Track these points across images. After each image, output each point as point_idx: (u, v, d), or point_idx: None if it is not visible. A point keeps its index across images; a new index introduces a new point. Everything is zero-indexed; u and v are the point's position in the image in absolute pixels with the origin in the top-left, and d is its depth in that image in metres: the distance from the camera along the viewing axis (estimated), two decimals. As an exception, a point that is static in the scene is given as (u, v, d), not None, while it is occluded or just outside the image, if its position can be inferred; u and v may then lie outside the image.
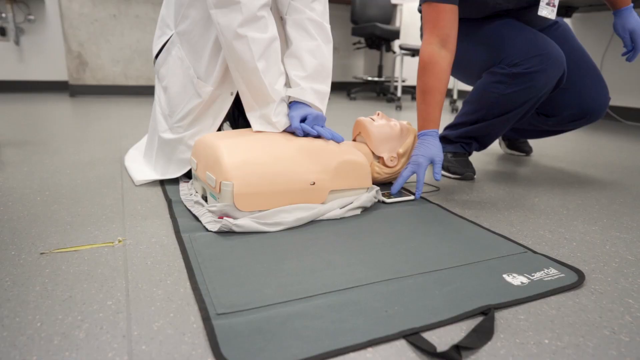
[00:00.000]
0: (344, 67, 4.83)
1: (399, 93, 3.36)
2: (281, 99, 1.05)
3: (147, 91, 3.62)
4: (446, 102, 3.95)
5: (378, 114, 1.27)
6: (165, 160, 1.23)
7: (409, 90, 4.08)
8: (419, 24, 3.42)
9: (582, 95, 1.35)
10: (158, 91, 1.25)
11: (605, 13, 2.98)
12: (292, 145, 1.01)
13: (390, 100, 3.86)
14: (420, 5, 1.24)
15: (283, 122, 1.04)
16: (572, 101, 1.36)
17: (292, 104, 1.07)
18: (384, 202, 1.04)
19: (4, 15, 3.40)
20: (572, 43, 1.40)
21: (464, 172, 1.38)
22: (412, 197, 1.05)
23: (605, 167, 1.65)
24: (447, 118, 2.88)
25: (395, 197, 1.03)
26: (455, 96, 3.34)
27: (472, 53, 1.32)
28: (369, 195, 1.06)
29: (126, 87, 3.57)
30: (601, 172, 1.58)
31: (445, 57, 1.14)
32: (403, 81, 4.34)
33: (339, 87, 4.74)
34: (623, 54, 1.29)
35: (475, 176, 1.40)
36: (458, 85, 3.65)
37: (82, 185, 1.18)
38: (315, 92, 1.07)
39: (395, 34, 3.75)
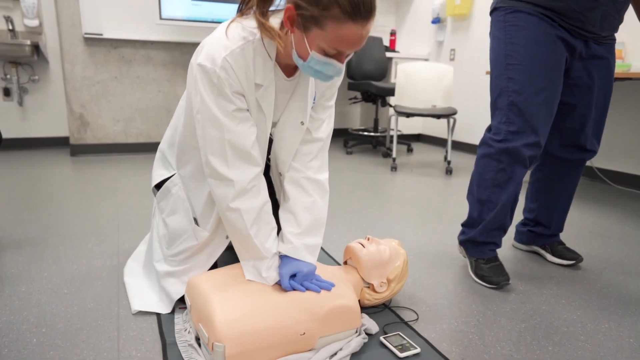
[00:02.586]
0: (341, 115, 4.92)
1: (394, 153, 3.42)
2: (273, 254, 1.09)
3: (146, 148, 3.68)
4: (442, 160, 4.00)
5: (368, 239, 1.31)
6: (158, 289, 1.26)
7: (404, 142, 4.16)
8: (412, 85, 3.51)
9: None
10: (158, 219, 1.29)
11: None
12: (283, 297, 1.04)
13: (385, 155, 3.92)
14: None
15: (273, 277, 1.08)
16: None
17: (283, 257, 1.11)
18: (397, 356, 1.06)
19: (8, 76, 3.49)
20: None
21: (500, 282, 1.44)
22: (418, 350, 1.08)
23: (593, 262, 1.68)
24: (442, 181, 2.92)
25: (406, 352, 1.06)
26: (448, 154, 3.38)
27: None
28: (359, 339, 1.09)
29: (126, 144, 3.64)
30: (589, 272, 1.60)
31: None
32: (399, 132, 4.42)
33: (335, 135, 4.81)
34: None
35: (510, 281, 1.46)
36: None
37: (79, 316, 1.21)
38: (307, 247, 1.11)
39: (390, 92, 3.84)
